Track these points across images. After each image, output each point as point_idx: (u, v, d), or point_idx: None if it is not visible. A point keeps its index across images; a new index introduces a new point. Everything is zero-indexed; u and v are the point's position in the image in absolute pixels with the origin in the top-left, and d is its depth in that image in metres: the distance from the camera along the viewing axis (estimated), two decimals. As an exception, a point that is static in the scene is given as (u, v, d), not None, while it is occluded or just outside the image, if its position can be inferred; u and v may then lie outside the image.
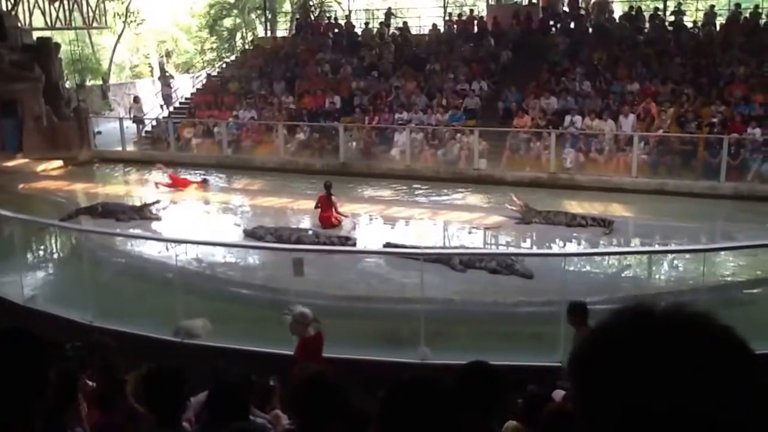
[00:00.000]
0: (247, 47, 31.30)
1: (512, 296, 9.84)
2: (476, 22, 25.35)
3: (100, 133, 23.27)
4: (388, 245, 11.97)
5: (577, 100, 19.46)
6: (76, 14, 25.53)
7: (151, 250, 12.38)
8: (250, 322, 9.43)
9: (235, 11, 39.95)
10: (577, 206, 15.05)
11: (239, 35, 40.27)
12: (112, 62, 37.95)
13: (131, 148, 22.85)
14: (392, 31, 26.46)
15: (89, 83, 32.71)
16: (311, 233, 12.92)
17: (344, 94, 22.29)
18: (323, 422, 3.00)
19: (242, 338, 8.53)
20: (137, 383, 4.14)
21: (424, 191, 17.42)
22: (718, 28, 22.41)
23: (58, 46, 24.08)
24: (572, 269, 10.40)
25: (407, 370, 6.80)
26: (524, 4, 26.33)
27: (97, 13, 26.41)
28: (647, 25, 23.21)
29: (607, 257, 12.37)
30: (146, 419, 3.82)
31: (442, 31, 25.62)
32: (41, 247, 13.94)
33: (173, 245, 10.85)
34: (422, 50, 24.04)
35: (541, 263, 10.79)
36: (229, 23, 40.61)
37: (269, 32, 32.37)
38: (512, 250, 13.02)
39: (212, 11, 39.87)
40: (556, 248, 12.87)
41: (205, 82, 26.87)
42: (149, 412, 3.82)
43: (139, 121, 24.11)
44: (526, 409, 4.65)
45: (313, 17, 30.90)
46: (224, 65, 28.56)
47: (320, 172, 18.16)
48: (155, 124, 24.35)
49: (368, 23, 28.10)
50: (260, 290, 10.44)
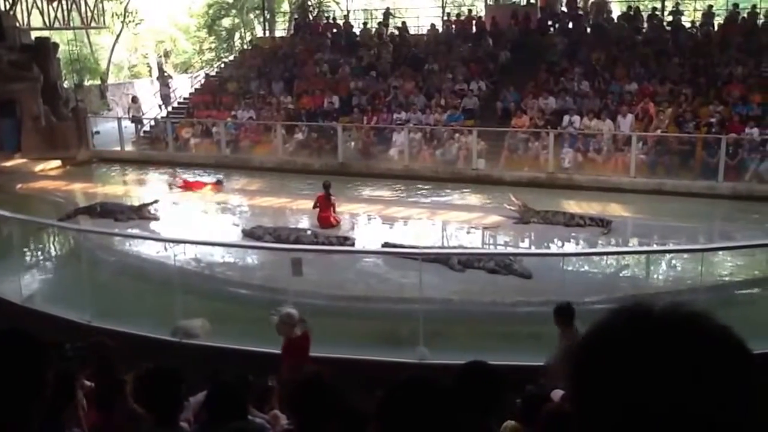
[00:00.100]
0: (245, 47, 31.28)
1: (511, 296, 9.85)
2: (474, 22, 25.34)
3: (98, 133, 23.24)
4: (386, 245, 11.97)
5: (575, 100, 19.47)
6: (74, 14, 25.47)
7: (149, 250, 12.37)
8: (248, 322, 9.42)
9: (233, 11, 39.91)
10: (575, 206, 15.06)
11: (238, 35, 40.23)
12: (110, 62, 37.89)
13: (130, 148, 22.84)
14: (390, 31, 26.42)
15: (87, 83, 32.67)
16: (310, 233, 12.92)
17: (343, 94, 22.29)
18: (321, 422, 3.00)
19: (241, 338, 8.52)
20: (134, 383, 4.14)
21: (422, 191, 17.42)
22: (716, 28, 22.41)
23: (56, 46, 24.06)
24: (570, 269, 10.42)
25: (406, 370, 6.81)
26: (522, 4, 26.31)
27: (95, 13, 26.36)
28: (645, 25, 23.23)
29: (605, 257, 12.37)
30: (145, 419, 3.82)
31: (440, 31, 25.64)
32: (39, 247, 13.92)
33: (172, 245, 10.85)
34: (421, 50, 24.03)
35: (539, 263, 10.80)
36: (227, 23, 40.57)
37: (268, 32, 32.36)
38: (510, 250, 13.05)
39: (211, 11, 39.83)
40: (554, 248, 12.88)
41: (203, 82, 26.87)
42: (147, 412, 3.82)
43: (137, 121, 24.11)
44: (524, 409, 4.65)
45: (311, 17, 30.90)
46: (223, 65, 28.56)
47: (319, 172, 18.15)
48: (154, 124, 24.34)
49: (366, 23, 28.09)
50: (259, 290, 10.43)
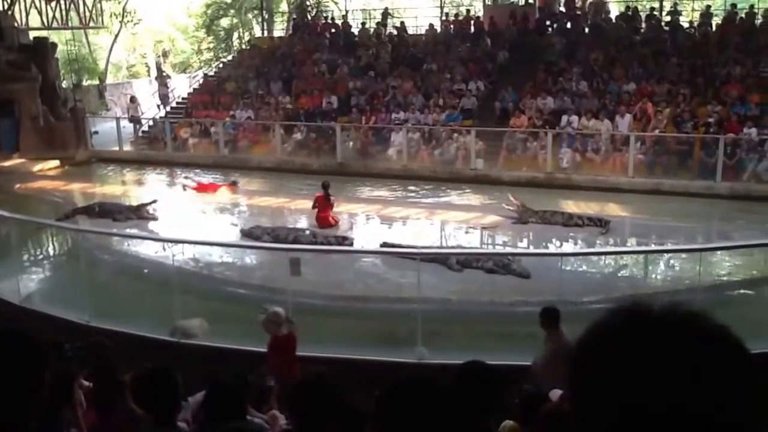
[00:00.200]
0: (244, 47, 31.27)
1: (509, 296, 9.85)
2: (473, 22, 25.34)
3: (96, 132, 23.20)
4: (385, 245, 11.98)
5: (573, 100, 19.48)
6: (72, 14, 25.41)
7: (148, 250, 12.36)
8: (247, 322, 9.39)
9: (232, 11, 39.84)
10: (573, 206, 15.08)
11: (236, 35, 40.18)
12: (108, 62, 37.83)
13: (128, 147, 22.81)
14: (389, 31, 26.42)
15: (86, 83, 32.60)
16: (308, 233, 12.92)
17: (341, 93, 22.29)
18: (320, 422, 2.99)
19: (239, 338, 8.51)
20: (131, 384, 4.14)
21: (421, 191, 17.43)
22: (714, 28, 22.43)
23: (54, 45, 24.01)
24: (569, 269, 10.42)
25: (404, 369, 6.82)
26: (521, 4, 26.32)
27: (93, 12, 26.30)
28: (643, 25, 23.23)
29: (603, 257, 12.38)
30: (144, 420, 3.82)
31: (438, 31, 25.62)
32: (38, 247, 13.91)
33: (170, 245, 10.85)
34: (419, 50, 24.03)
35: (537, 263, 10.81)
36: (226, 23, 40.51)
37: (266, 32, 32.32)
38: (509, 249, 13.06)
39: (209, 11, 39.76)
40: (552, 248, 12.89)
41: (202, 81, 26.85)
42: (145, 412, 3.82)
43: (136, 121, 24.09)
44: (522, 408, 4.65)
45: (310, 17, 30.86)
46: (221, 65, 28.55)
47: (317, 171, 18.15)
48: (152, 124, 24.30)
49: (365, 23, 28.11)
50: (257, 290, 10.43)
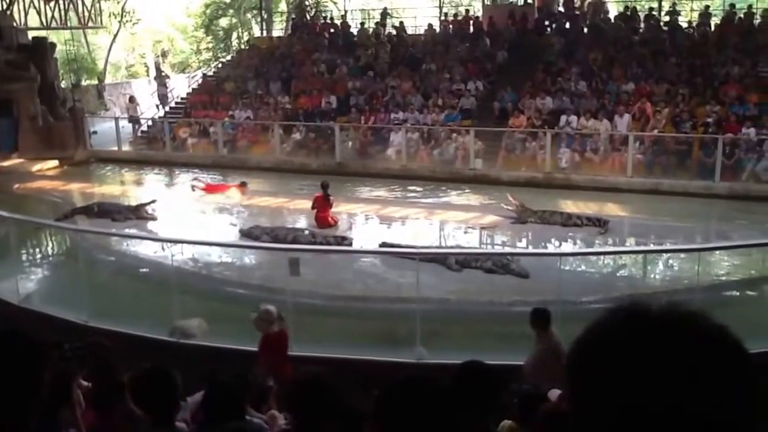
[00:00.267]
0: (243, 47, 31.23)
1: (508, 296, 9.84)
2: (472, 22, 25.35)
3: (95, 132, 23.19)
4: (384, 245, 11.98)
5: (572, 100, 19.49)
6: (71, 14, 25.39)
7: (147, 250, 12.36)
8: (246, 322, 9.40)
9: (231, 11, 39.83)
10: (572, 206, 15.08)
11: (235, 35, 40.15)
12: (107, 62, 37.81)
13: (127, 148, 22.80)
14: (388, 31, 26.43)
15: (85, 83, 32.59)
16: (307, 233, 12.92)
17: (340, 93, 22.29)
18: (319, 422, 2.99)
19: (238, 338, 8.51)
20: (129, 384, 4.14)
21: (420, 191, 17.43)
22: (712, 28, 22.44)
23: (53, 45, 23.99)
24: (568, 269, 10.44)
25: (403, 369, 6.82)
26: (520, 4, 26.32)
27: (92, 12, 26.29)
28: (642, 25, 23.23)
29: (602, 257, 12.38)
30: (143, 420, 3.82)
31: (437, 31, 25.61)
32: (37, 247, 13.89)
33: (169, 245, 10.84)
34: (418, 50, 24.03)
35: (536, 263, 10.80)
36: (225, 23, 40.50)
37: (265, 32, 32.31)
38: (508, 249, 13.06)
39: (208, 11, 39.73)
40: (551, 248, 12.88)
41: (200, 81, 26.83)
42: (143, 413, 3.81)
43: (134, 121, 24.08)
44: (521, 408, 4.65)
45: (309, 17, 30.86)
46: (220, 65, 28.53)
47: (316, 171, 18.15)
48: (151, 124, 24.28)
49: (364, 23, 28.09)
50: (256, 290, 10.42)
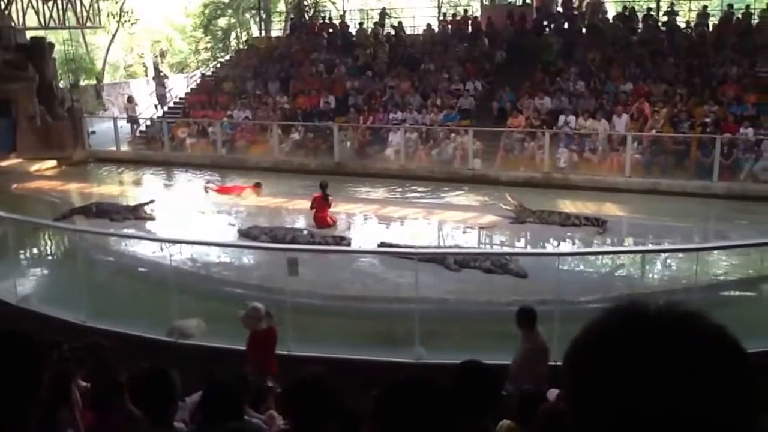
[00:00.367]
0: (241, 47, 31.21)
1: (506, 296, 9.84)
2: (470, 22, 25.37)
3: (94, 132, 23.17)
4: (382, 245, 11.98)
5: (570, 100, 19.50)
6: (69, 14, 25.38)
7: (145, 250, 12.35)
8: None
9: (229, 11, 39.82)
10: (570, 206, 15.09)
11: (234, 35, 40.13)
12: (106, 62, 37.79)
13: (125, 148, 22.78)
14: (387, 31, 26.44)
15: (83, 83, 32.58)
16: (306, 233, 12.92)
17: (339, 93, 22.28)
18: (318, 422, 2.99)
19: (237, 338, 8.50)
20: (127, 384, 4.14)
21: (418, 191, 17.43)
22: (710, 28, 22.49)
23: (51, 45, 23.96)
24: (566, 269, 10.43)
25: (402, 369, 6.83)
26: (518, 4, 26.35)
27: (90, 12, 26.27)
28: (640, 25, 23.24)
29: (600, 256, 12.40)
30: (142, 420, 3.82)
31: (436, 31, 25.63)
32: (35, 247, 13.88)
33: (168, 245, 10.84)
34: (417, 50, 24.04)
35: (535, 263, 10.81)
36: (223, 23, 40.49)
37: (264, 32, 32.30)
38: (506, 249, 13.06)
39: (207, 11, 39.71)
40: (550, 248, 12.89)
41: (199, 81, 26.80)
42: (142, 413, 3.81)
43: (133, 120, 24.05)
44: (520, 408, 4.66)
45: (307, 17, 30.88)
46: (219, 65, 28.51)
47: (315, 171, 18.14)
48: (149, 124, 24.26)
49: (363, 23, 28.08)
50: (255, 290, 10.41)
